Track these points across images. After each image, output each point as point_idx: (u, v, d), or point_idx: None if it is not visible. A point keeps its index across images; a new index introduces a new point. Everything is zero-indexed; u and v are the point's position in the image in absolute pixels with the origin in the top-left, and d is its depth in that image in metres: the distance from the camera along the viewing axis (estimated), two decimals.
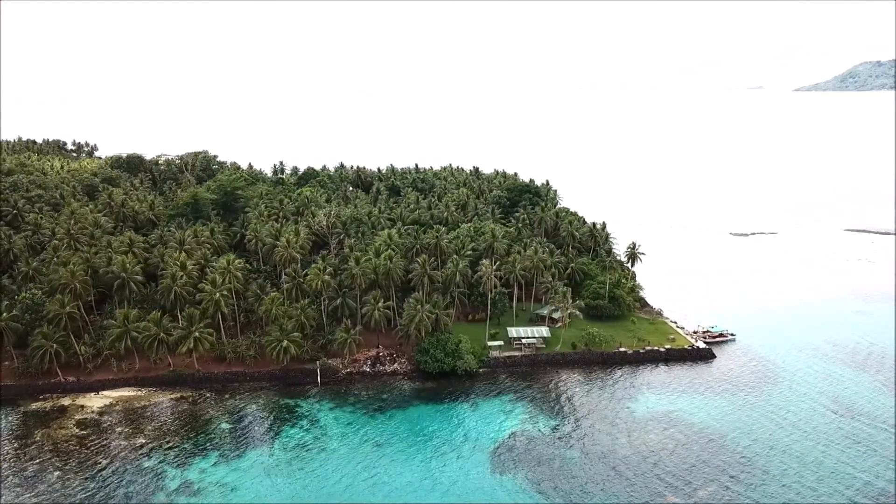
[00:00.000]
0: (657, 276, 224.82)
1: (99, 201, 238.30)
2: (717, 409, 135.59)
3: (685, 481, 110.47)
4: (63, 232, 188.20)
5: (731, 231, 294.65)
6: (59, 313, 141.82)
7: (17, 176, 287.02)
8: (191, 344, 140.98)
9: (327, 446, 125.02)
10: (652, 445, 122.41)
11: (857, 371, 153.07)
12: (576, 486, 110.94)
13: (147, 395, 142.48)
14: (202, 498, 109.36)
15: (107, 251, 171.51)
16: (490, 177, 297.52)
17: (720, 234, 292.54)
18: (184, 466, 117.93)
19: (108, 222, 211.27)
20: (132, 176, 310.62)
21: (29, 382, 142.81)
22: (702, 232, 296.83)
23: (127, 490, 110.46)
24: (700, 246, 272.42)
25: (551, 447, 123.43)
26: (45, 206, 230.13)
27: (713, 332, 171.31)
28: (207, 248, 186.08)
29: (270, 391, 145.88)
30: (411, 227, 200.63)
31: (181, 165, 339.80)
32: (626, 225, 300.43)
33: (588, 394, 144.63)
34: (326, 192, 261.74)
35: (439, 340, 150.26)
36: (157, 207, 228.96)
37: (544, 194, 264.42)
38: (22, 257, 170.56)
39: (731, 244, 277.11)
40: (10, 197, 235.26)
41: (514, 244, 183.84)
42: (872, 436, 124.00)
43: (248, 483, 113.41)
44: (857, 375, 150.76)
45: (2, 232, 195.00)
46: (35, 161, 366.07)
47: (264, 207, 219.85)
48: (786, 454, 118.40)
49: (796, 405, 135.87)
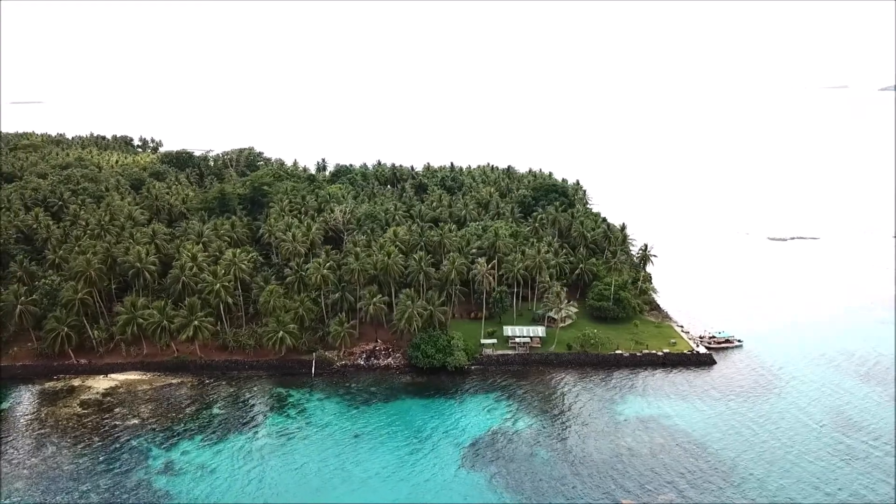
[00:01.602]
0: (683, 279, 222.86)
1: (139, 195, 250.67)
2: (703, 415, 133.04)
3: (642, 486, 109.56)
4: (94, 222, 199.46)
5: (770, 235, 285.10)
6: (72, 299, 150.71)
7: (72, 169, 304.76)
8: (190, 332, 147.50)
9: (308, 435, 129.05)
10: (625, 449, 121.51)
11: (867, 384, 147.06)
12: (534, 485, 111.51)
13: (150, 380, 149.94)
14: (178, 478, 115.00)
15: (128, 241, 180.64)
16: (520, 176, 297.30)
17: (758, 238, 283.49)
18: (169, 447, 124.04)
19: (142, 214, 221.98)
20: (179, 171, 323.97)
21: (45, 363, 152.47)
22: (741, 236, 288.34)
23: (110, 466, 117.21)
24: (735, 250, 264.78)
25: (524, 446, 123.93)
26: (87, 198, 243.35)
27: (718, 338, 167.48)
28: (226, 241, 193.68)
29: (266, 380, 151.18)
30: (427, 224, 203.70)
31: (226, 161, 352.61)
32: (665, 227, 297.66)
33: (575, 395, 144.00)
34: (355, 189, 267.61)
35: (431, 336, 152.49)
36: (189, 201, 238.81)
37: (571, 194, 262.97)
38: (49, 245, 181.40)
39: (767, 249, 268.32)
40: (57, 189, 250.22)
41: (521, 243, 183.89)
42: (866, 452, 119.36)
43: (224, 465, 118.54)
44: (865, 388, 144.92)
45: (42, 221, 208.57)
46: (95, 155, 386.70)
47: (287, 203, 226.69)
48: (763, 464, 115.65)
49: (788, 416, 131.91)
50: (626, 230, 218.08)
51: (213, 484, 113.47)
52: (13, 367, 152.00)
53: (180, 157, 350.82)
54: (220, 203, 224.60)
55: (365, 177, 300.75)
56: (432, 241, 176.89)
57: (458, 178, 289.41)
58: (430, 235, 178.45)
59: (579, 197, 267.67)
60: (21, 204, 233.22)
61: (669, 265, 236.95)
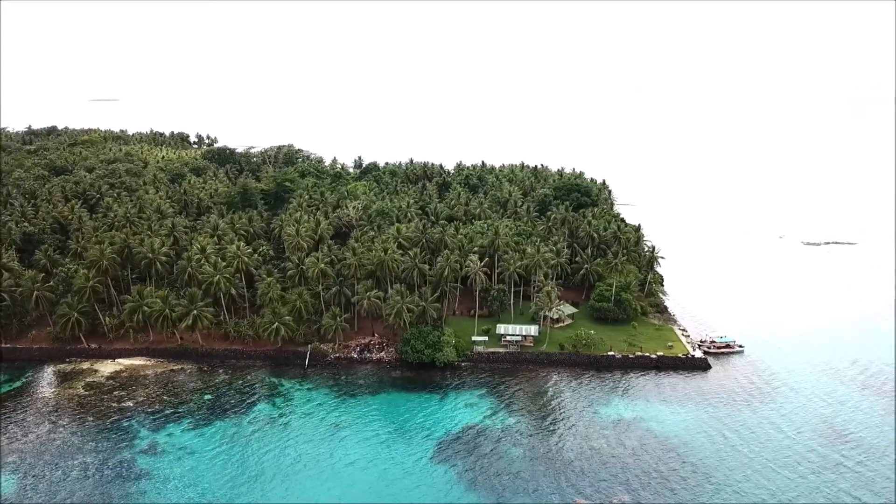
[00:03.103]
0: (706, 283, 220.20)
1: (171, 189, 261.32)
2: (681, 420, 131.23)
3: (598, 486, 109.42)
4: (121, 214, 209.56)
5: (805, 240, 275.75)
6: (84, 286, 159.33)
7: (116, 164, 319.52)
8: (190, 321, 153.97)
9: (290, 423, 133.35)
10: (594, 450, 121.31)
11: (868, 394, 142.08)
12: (495, 480, 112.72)
13: (153, 365, 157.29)
14: (159, 458, 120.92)
15: (147, 233, 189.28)
16: (547, 175, 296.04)
17: (793, 242, 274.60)
18: (156, 429, 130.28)
19: (171, 208, 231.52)
20: (219, 167, 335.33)
21: (60, 347, 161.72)
22: (775, 240, 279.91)
23: (98, 445, 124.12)
24: (766, 254, 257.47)
25: (496, 442, 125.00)
26: (123, 191, 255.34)
27: (718, 343, 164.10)
28: (242, 234, 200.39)
29: (261, 369, 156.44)
30: (441, 221, 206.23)
31: (265, 158, 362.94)
32: (697, 229, 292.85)
33: (559, 395, 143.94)
34: (379, 186, 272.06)
35: (421, 332, 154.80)
36: (215, 196, 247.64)
37: (595, 194, 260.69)
38: (73, 235, 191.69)
39: (800, 253, 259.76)
40: (97, 182, 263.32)
41: (523, 242, 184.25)
42: (838, 461, 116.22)
43: (204, 448, 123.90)
44: (865, 399, 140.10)
45: (77, 212, 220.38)
46: (144, 151, 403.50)
47: (308, 198, 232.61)
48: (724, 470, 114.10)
49: (766, 424, 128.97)
50: (641, 231, 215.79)
51: (191, 465, 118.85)
52: (31, 349, 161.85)
53: (221, 154, 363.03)
54: (242, 198, 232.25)
55: (395, 174, 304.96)
56: (433, 238, 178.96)
57: (485, 177, 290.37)
58: (431, 233, 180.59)
59: (603, 197, 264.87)
60: (61, 196, 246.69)
61: (696, 268, 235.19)
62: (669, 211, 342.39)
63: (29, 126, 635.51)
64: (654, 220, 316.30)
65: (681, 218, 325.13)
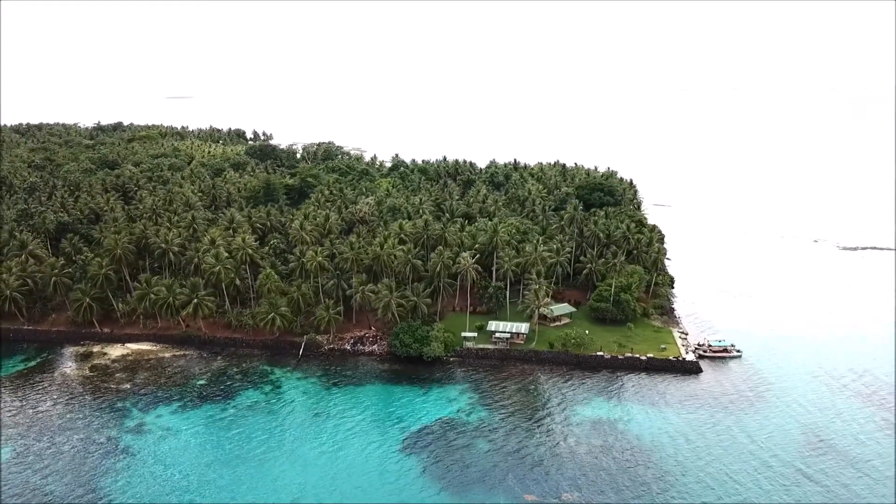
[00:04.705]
0: (727, 285, 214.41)
1: (204, 184, 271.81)
2: (658, 423, 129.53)
3: (549, 485, 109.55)
4: (148, 206, 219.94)
5: (841, 244, 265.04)
6: (97, 273, 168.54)
7: (160, 159, 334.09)
8: (191, 309, 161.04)
9: (273, 409, 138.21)
10: (559, 448, 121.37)
11: (865, 405, 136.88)
12: (456, 473, 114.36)
13: (158, 351, 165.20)
14: (143, 437, 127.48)
15: (167, 224, 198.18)
16: (574, 173, 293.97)
17: (828, 246, 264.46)
18: (147, 410, 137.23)
19: (200, 201, 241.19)
20: (260, 162, 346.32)
21: (76, 330, 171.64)
22: (810, 244, 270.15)
23: (90, 422, 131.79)
24: (798, 258, 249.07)
25: (467, 437, 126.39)
26: (158, 184, 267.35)
27: (715, 347, 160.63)
28: (258, 228, 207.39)
29: (257, 358, 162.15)
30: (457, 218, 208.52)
31: (304, 154, 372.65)
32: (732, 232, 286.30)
33: (540, 393, 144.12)
34: (404, 183, 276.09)
35: (410, 326, 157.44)
36: (243, 191, 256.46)
37: (619, 194, 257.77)
38: (98, 226, 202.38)
39: (833, 258, 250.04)
40: (135, 175, 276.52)
41: (523, 240, 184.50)
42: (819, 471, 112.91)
43: (187, 429, 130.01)
44: (860, 410, 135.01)
45: (111, 204, 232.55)
46: (193, 146, 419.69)
47: (328, 194, 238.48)
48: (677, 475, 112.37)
49: (746, 432, 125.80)
50: (657, 232, 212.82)
51: (171, 445, 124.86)
52: (50, 332, 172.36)
53: (263, 150, 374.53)
54: (265, 192, 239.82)
55: (425, 171, 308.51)
56: (434, 234, 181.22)
57: (511, 175, 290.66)
58: (433, 229, 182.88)
59: (628, 197, 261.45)
60: (101, 188, 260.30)
61: (722, 271, 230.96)
62: (704, 212, 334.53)
63: (98, 122, 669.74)
64: (687, 221, 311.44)
65: (715, 219, 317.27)
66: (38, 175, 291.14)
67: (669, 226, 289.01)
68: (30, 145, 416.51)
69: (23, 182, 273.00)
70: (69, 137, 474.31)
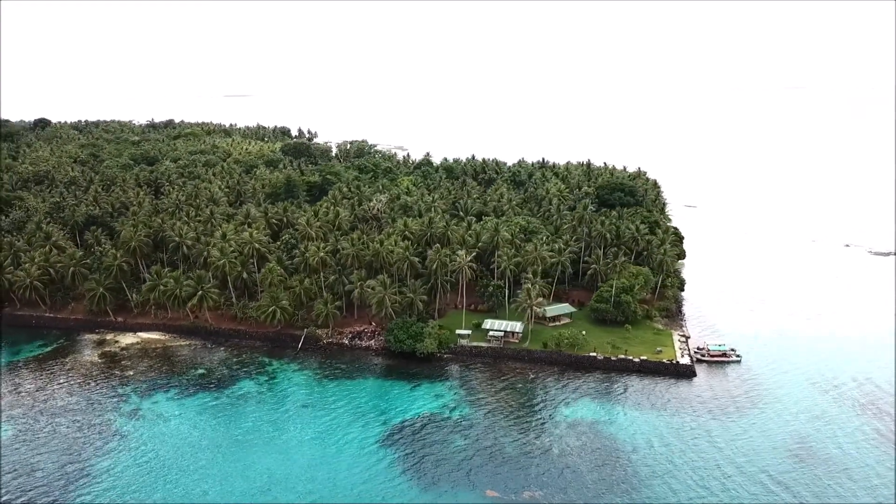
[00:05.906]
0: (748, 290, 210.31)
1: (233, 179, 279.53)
2: (638, 426, 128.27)
3: (514, 482, 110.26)
4: (171, 201, 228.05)
5: (872, 249, 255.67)
6: (111, 265, 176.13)
7: (196, 155, 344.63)
8: (196, 300, 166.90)
9: (264, 400, 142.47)
10: (532, 447, 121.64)
11: (858, 414, 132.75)
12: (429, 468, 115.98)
13: (165, 340, 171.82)
14: (137, 422, 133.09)
15: (184, 218, 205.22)
16: (598, 173, 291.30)
17: (858, 251, 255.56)
18: (144, 397, 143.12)
19: (225, 196, 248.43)
20: (294, 159, 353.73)
21: (92, 318, 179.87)
22: (842, 248, 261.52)
23: (90, 406, 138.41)
24: (827, 262, 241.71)
25: (446, 433, 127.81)
26: (188, 180, 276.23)
27: (714, 351, 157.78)
28: (275, 223, 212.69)
29: (257, 350, 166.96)
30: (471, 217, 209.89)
31: (338, 153, 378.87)
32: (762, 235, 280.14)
33: (528, 392, 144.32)
34: (426, 181, 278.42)
35: (405, 323, 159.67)
36: (266, 187, 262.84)
37: (641, 193, 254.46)
38: (120, 219, 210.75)
39: (863, 263, 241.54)
40: (167, 171, 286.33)
41: (525, 239, 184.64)
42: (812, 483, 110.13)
43: (180, 415, 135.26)
44: (851, 419, 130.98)
45: (139, 198, 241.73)
46: (232, 144, 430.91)
47: (346, 191, 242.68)
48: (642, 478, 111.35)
49: (726, 437, 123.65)
50: (670, 233, 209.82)
51: (161, 429, 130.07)
52: (69, 319, 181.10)
53: (298, 147, 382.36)
54: (286, 189, 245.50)
55: (451, 170, 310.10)
56: (437, 232, 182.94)
57: (534, 173, 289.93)
58: (437, 227, 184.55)
59: (650, 198, 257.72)
60: (135, 182, 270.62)
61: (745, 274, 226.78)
62: (735, 214, 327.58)
63: (151, 119, 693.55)
64: (715, 222, 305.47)
65: (745, 221, 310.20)
66: (80, 170, 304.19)
67: (695, 227, 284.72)
68: (81, 141, 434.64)
69: (64, 176, 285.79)
70: (120, 134, 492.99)
